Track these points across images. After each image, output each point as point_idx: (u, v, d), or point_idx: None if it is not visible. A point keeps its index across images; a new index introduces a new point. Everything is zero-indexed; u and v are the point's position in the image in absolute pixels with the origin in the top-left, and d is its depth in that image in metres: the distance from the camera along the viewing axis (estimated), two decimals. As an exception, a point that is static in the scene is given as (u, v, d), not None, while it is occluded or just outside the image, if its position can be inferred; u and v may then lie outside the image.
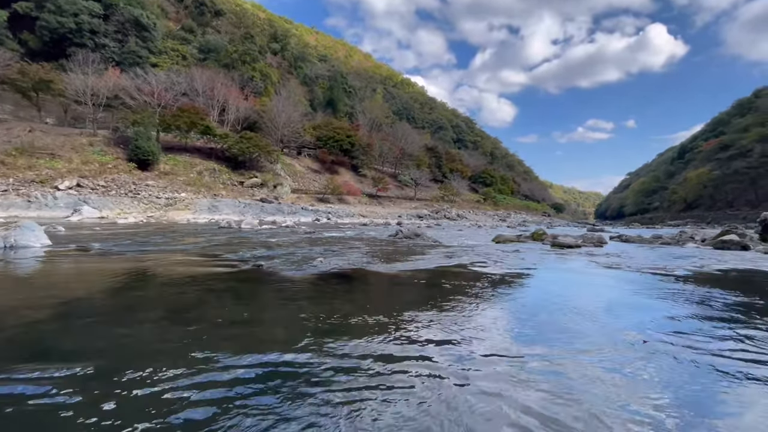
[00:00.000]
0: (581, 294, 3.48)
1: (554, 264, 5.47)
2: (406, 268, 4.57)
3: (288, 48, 79.80)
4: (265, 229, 13.22)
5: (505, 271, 4.55)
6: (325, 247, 6.99)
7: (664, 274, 4.64)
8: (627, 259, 6.23)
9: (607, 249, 8.04)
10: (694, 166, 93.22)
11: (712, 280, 4.19)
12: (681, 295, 3.38)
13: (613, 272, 4.70)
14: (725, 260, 6.35)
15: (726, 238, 8.66)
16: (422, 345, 1.94)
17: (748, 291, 3.65)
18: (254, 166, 37.24)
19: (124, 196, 27.19)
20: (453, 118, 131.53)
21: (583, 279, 4.22)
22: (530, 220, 56.97)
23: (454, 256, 6.03)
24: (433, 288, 3.45)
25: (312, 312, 2.52)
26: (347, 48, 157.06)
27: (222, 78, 40.79)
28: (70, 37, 37.61)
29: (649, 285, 3.99)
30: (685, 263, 5.89)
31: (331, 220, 30.36)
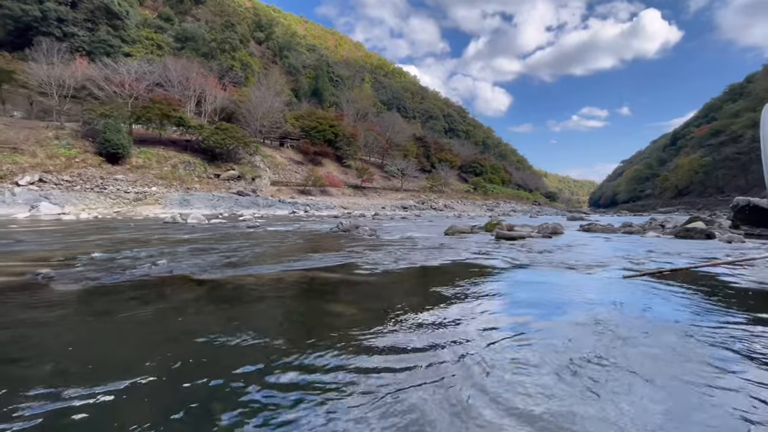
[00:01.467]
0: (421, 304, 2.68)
1: (464, 261, 4.67)
2: (262, 272, 3.74)
3: (273, 37, 77.95)
4: (208, 224, 12.33)
5: (377, 274, 3.75)
6: (226, 244, 6.14)
7: (586, 273, 3.86)
8: (563, 252, 5.44)
9: (557, 240, 7.27)
10: (685, 152, 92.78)
11: (614, 284, 3.40)
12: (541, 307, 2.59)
13: (522, 272, 3.90)
14: (677, 251, 5.59)
15: (691, 227, 7.91)
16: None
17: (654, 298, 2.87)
18: (232, 159, 36.15)
19: (90, 191, 26.12)
20: (445, 107, 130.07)
21: (464, 285, 3.41)
22: (519, 209, 56.35)
23: (366, 253, 5.21)
24: (233, 305, 2.62)
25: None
26: (337, 37, 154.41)
27: (197, 67, 39.38)
28: (36, 26, 36.08)
29: (532, 288, 3.23)
30: (629, 255, 5.12)
31: (309, 213, 29.51)
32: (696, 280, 3.48)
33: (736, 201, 9.59)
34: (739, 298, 2.84)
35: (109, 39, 39.74)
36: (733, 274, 3.73)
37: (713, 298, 2.78)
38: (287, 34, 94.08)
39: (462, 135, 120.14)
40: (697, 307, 2.55)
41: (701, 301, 2.72)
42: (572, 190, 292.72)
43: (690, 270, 3.91)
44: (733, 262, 4.31)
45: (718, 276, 3.67)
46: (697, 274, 3.74)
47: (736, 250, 5.63)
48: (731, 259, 4.58)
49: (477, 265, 4.34)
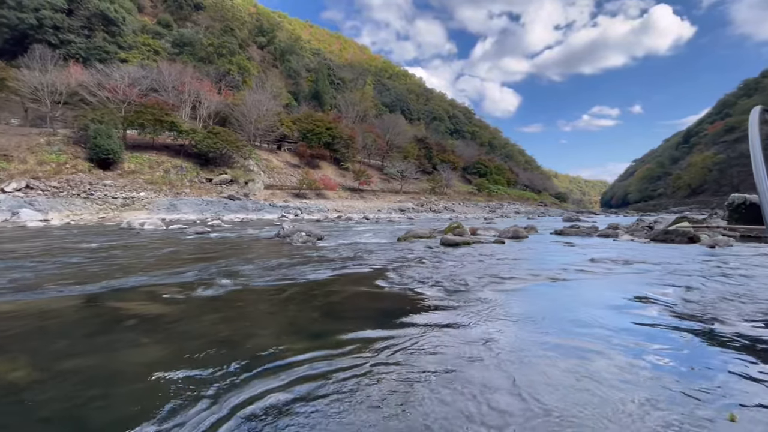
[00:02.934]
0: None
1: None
2: (32, 298, 2.94)
3: (275, 42, 78.01)
4: (165, 229, 11.66)
5: (191, 300, 2.92)
6: (93, 255, 5.37)
7: (451, 299, 2.97)
8: (489, 262, 4.53)
9: (508, 246, 6.33)
10: (699, 150, 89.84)
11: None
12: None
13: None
14: (628, 260, 4.63)
15: (672, 229, 6.89)
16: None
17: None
18: (225, 163, 35.76)
19: (77, 197, 25.85)
20: (450, 108, 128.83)
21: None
22: (523, 210, 54.93)
23: (241, 267, 4.38)
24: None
25: None
26: (342, 41, 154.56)
27: (191, 72, 39.19)
28: (32, 34, 36.28)
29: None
30: (564, 266, 4.19)
31: (300, 216, 28.87)
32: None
33: (732, 198, 8.52)
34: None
35: (105, 45, 39.86)
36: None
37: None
38: (291, 39, 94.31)
39: (468, 136, 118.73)
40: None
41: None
42: (583, 191, 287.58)
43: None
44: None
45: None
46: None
47: (707, 262, 4.64)
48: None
49: (364, 276, 3.47)
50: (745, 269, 3.76)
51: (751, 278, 3.37)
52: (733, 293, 2.85)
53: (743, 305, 2.48)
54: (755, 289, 2.89)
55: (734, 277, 3.48)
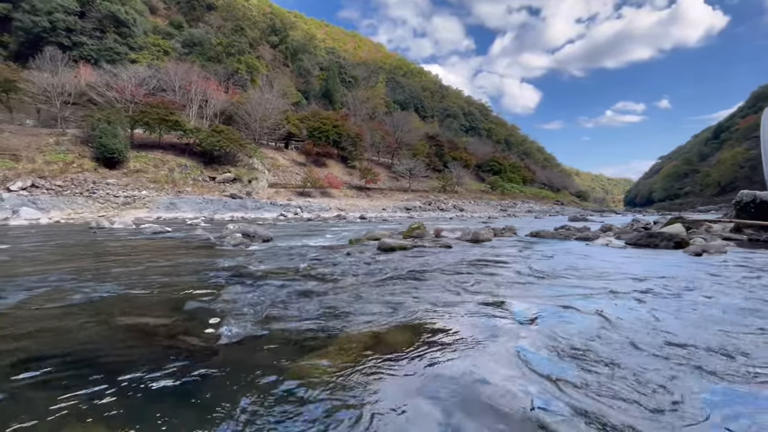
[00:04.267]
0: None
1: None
2: None
3: (287, 41, 78.23)
4: (131, 228, 11.26)
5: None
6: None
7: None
8: (388, 279, 3.70)
9: (456, 252, 5.46)
10: (729, 145, 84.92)
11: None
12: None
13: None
14: (569, 272, 3.73)
15: (657, 232, 5.86)
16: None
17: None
18: (229, 161, 35.75)
19: (79, 196, 26.17)
20: (466, 105, 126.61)
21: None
22: (537, 209, 53.08)
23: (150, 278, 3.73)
24: None
25: None
26: (357, 39, 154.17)
27: (197, 71, 39.38)
28: (45, 36, 37.18)
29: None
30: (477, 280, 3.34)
31: (300, 215, 28.44)
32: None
33: (740, 195, 7.35)
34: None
35: (116, 47, 40.53)
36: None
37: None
38: (305, 38, 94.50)
39: (483, 133, 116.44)
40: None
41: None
42: (606, 189, 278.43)
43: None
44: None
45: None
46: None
47: (673, 279, 3.67)
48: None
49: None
50: (713, 292, 2.83)
51: (711, 305, 2.46)
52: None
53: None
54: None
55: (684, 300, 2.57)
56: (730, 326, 2.08)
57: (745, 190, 7.33)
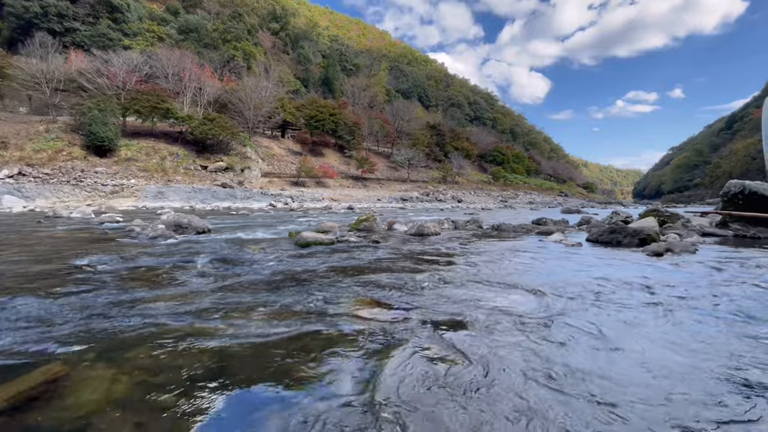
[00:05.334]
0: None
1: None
2: None
3: (288, 27, 76.95)
4: (90, 218, 10.76)
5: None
6: None
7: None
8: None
9: (381, 249, 4.80)
10: (742, 136, 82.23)
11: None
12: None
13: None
14: (433, 283, 3.06)
15: (620, 227, 5.13)
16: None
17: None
18: (222, 150, 35.20)
19: (66, 184, 25.85)
20: (471, 94, 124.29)
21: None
22: (539, 200, 51.99)
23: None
24: None
25: None
26: (361, 26, 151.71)
27: (191, 57, 38.64)
28: (37, 22, 36.62)
29: None
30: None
31: (291, 205, 27.86)
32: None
33: (728, 186, 6.56)
34: None
35: (109, 33, 39.89)
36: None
37: None
38: (308, 25, 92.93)
39: (488, 123, 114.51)
40: None
41: None
42: (615, 181, 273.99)
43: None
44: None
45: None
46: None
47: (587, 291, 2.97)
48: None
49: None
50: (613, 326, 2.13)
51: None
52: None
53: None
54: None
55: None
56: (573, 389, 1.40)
57: (734, 180, 6.53)
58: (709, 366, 1.55)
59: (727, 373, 1.49)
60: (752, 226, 5.94)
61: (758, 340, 1.82)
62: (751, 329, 1.97)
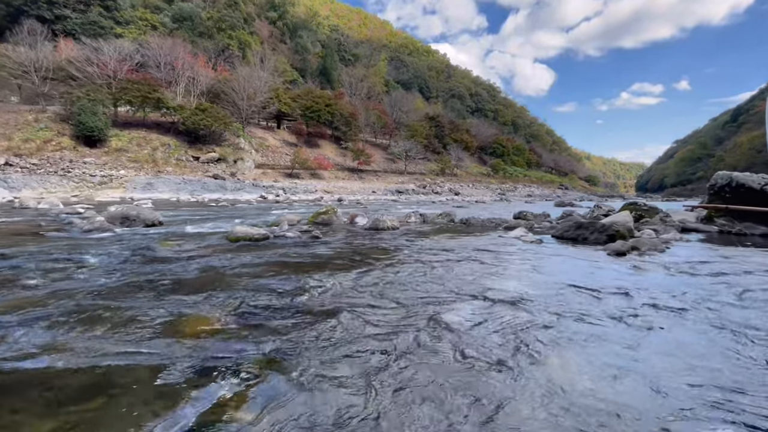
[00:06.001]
0: None
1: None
2: None
3: (286, 17, 75.79)
4: (58, 208, 10.38)
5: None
6: None
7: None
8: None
9: (341, 239, 4.37)
10: (747, 129, 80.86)
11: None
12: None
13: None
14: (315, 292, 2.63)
15: (588, 222, 4.67)
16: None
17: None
18: (215, 141, 34.69)
19: (53, 175, 25.50)
20: (473, 86, 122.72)
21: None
22: (538, 193, 51.40)
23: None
24: None
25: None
26: (362, 16, 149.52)
27: (183, 46, 37.95)
28: (27, 10, 35.97)
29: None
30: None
31: (282, 197, 27.42)
32: None
33: (714, 178, 6.07)
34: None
35: (101, 20, 39.18)
36: None
37: None
38: (308, 14, 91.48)
39: (490, 115, 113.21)
40: None
41: None
42: (618, 174, 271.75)
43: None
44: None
45: None
46: None
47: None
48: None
49: None
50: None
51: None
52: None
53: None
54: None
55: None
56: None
57: (722, 171, 6.04)
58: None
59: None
60: (739, 222, 5.47)
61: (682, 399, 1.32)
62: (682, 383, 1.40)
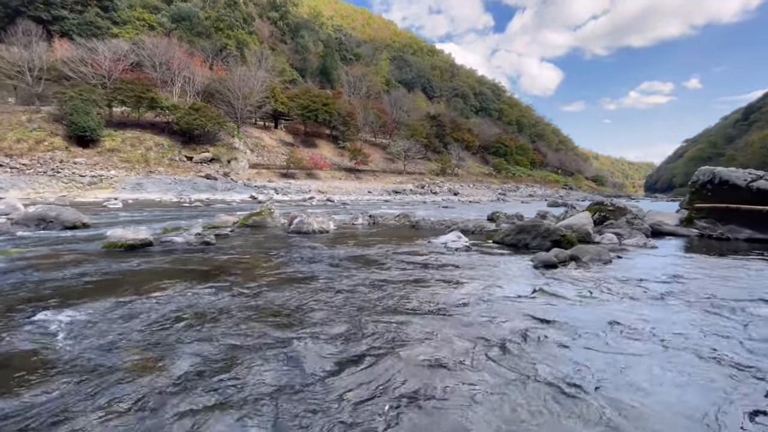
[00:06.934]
0: None
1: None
2: None
3: (288, 16, 75.60)
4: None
5: None
6: None
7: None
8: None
9: (235, 246, 3.78)
10: (758, 127, 78.67)
11: None
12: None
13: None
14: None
15: (530, 225, 4.01)
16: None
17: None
18: (209, 141, 34.37)
19: (43, 175, 25.31)
20: (477, 85, 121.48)
21: None
22: (540, 193, 50.39)
23: None
24: None
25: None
26: (366, 16, 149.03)
27: (179, 46, 37.74)
28: (24, 10, 36.00)
29: None
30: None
31: (275, 198, 26.95)
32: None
33: (696, 174, 5.37)
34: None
35: (97, 21, 39.13)
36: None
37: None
38: (311, 15, 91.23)
39: (494, 114, 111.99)
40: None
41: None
42: (626, 173, 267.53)
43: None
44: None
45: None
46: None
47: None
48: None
49: None
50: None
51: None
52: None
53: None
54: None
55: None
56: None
57: (704, 167, 5.33)
58: None
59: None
60: (722, 224, 4.77)
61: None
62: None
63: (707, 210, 4.88)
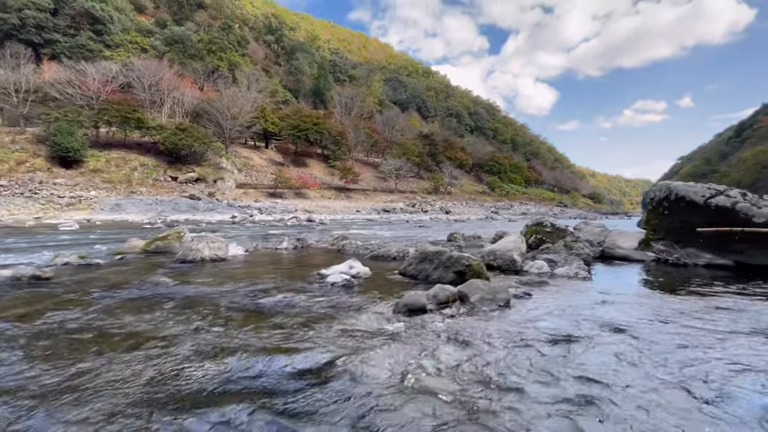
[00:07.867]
0: None
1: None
2: None
3: (283, 40, 77.04)
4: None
5: None
6: None
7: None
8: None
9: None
10: (751, 144, 79.05)
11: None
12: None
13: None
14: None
15: (434, 251, 3.39)
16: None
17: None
18: (196, 160, 34.07)
19: (19, 196, 24.77)
20: (472, 105, 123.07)
21: None
22: (533, 211, 49.85)
23: None
24: None
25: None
26: (363, 40, 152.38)
27: (168, 67, 37.97)
28: (15, 34, 36.33)
29: None
30: None
31: (258, 218, 26.34)
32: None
33: (653, 190, 4.77)
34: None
35: (89, 44, 39.49)
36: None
37: None
38: (308, 38, 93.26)
39: (489, 133, 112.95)
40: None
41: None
42: (623, 191, 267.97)
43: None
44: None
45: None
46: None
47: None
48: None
49: None
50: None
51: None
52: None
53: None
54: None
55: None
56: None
57: (661, 182, 4.75)
58: None
59: None
60: (680, 247, 4.15)
61: None
62: None
63: (712, 233, 4.18)
